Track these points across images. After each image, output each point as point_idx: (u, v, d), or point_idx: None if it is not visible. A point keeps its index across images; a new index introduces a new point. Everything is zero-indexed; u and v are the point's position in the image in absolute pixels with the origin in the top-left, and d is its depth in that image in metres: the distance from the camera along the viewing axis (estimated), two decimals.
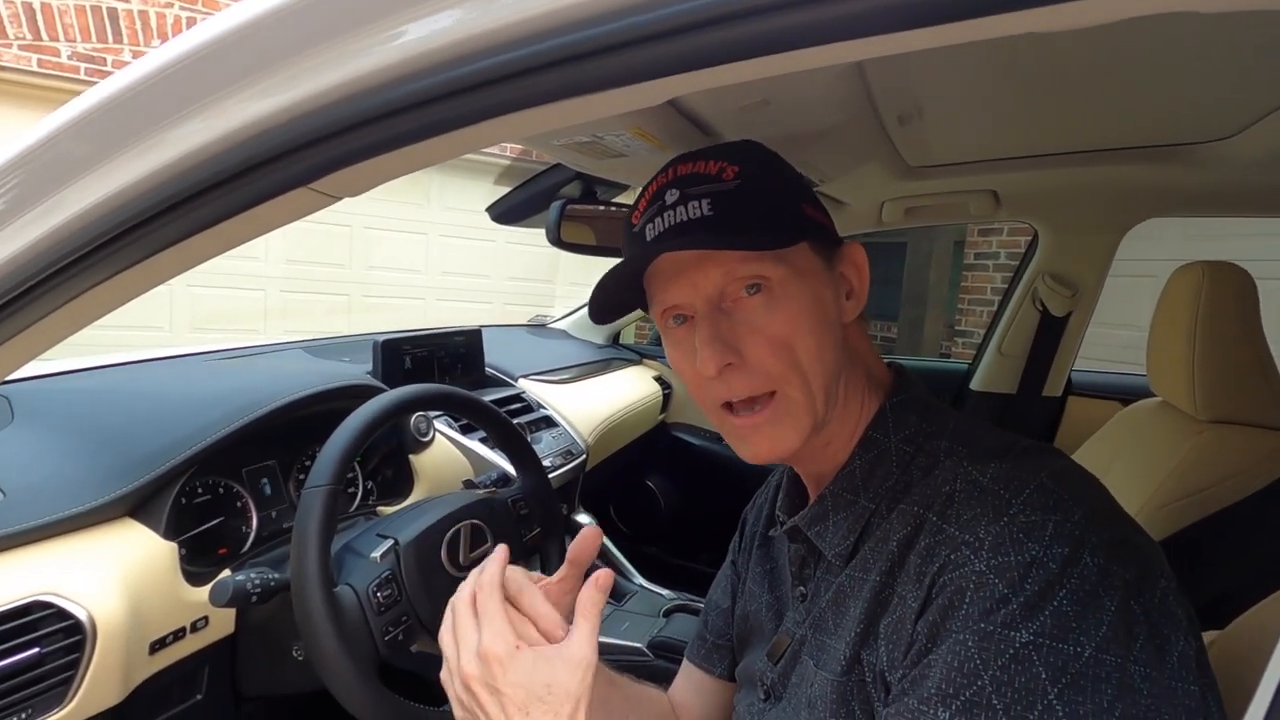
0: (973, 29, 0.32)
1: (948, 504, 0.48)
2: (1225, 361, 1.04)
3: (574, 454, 1.51)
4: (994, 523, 0.45)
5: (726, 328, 0.52)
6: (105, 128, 0.45)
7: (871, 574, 0.51)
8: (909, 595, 0.47)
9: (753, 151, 0.56)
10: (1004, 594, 0.42)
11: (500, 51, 0.37)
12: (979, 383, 1.80)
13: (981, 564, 0.44)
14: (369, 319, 4.75)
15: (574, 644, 0.48)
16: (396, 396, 0.90)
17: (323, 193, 0.47)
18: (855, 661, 0.50)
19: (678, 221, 0.52)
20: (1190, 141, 1.05)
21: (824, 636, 0.54)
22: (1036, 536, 0.43)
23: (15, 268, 0.49)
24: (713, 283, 0.52)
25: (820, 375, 0.53)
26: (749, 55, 0.34)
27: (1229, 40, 0.70)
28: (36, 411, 0.94)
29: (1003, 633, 0.41)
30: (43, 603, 0.70)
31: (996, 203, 1.40)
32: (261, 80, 0.41)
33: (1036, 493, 0.45)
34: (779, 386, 0.53)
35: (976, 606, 0.43)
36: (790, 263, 0.52)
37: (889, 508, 0.53)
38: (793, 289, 0.52)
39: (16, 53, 3.50)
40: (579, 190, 1.14)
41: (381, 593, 0.79)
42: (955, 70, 0.80)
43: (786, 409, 0.53)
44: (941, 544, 0.46)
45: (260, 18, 0.40)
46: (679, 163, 0.55)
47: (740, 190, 0.52)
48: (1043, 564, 0.42)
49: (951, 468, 0.50)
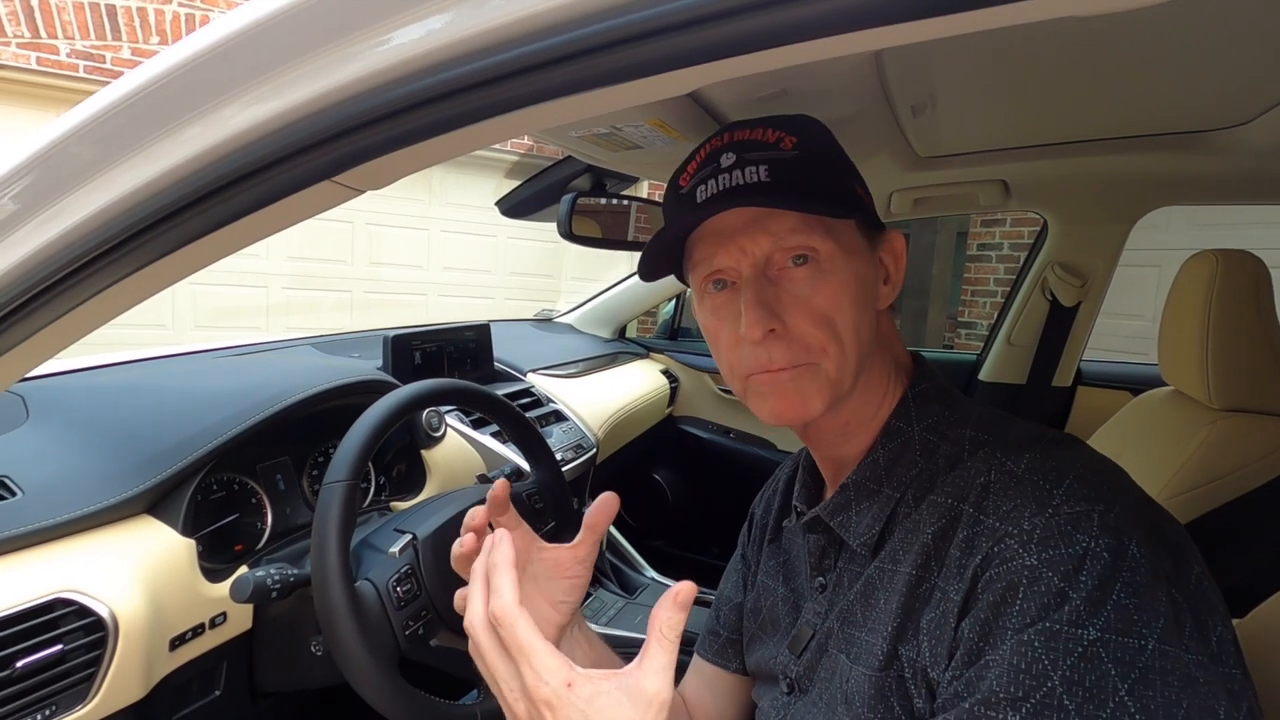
0: (997, 15, 0.31)
1: (984, 495, 0.47)
2: (1239, 350, 1.04)
3: (584, 448, 1.51)
4: (1038, 514, 0.44)
5: (772, 295, 0.52)
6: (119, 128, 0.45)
7: (903, 565, 0.50)
8: (951, 590, 0.46)
9: (811, 125, 0.56)
10: (1060, 589, 0.41)
11: (527, 42, 0.37)
12: (988, 373, 1.80)
13: (1032, 558, 0.42)
14: (371, 315, 4.75)
15: (646, 675, 0.40)
16: (411, 391, 0.90)
17: (347, 186, 0.47)
18: (893, 656, 0.49)
19: (733, 185, 0.52)
20: (1203, 129, 1.05)
21: (853, 629, 0.54)
22: (1084, 527, 0.42)
23: (34, 266, 0.49)
24: (761, 249, 0.52)
25: (855, 352, 0.53)
26: (774, 43, 0.34)
27: (1243, 25, 0.69)
28: (51, 409, 0.94)
29: (1070, 630, 0.40)
30: (64, 600, 0.71)
31: (1006, 193, 1.40)
32: (290, 72, 0.40)
33: (1077, 483, 0.45)
34: (817, 359, 0.52)
35: (1033, 602, 0.42)
36: (838, 238, 0.52)
37: (916, 498, 0.52)
38: (840, 263, 0.52)
39: (15, 51, 3.48)
40: (589, 183, 1.14)
41: (401, 587, 0.79)
42: (969, 59, 0.80)
43: (813, 376, 0.53)
44: (981, 535, 0.45)
45: (289, 8, 0.40)
46: (736, 129, 0.55)
47: (798, 160, 0.52)
48: (1095, 555, 0.41)
49: (984, 458, 0.49)
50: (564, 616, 0.62)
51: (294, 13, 0.40)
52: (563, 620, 0.62)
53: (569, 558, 0.61)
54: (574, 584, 0.62)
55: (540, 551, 0.63)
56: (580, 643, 0.66)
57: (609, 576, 1.55)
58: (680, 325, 2.45)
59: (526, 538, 0.63)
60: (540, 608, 0.62)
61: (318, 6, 0.40)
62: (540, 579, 0.62)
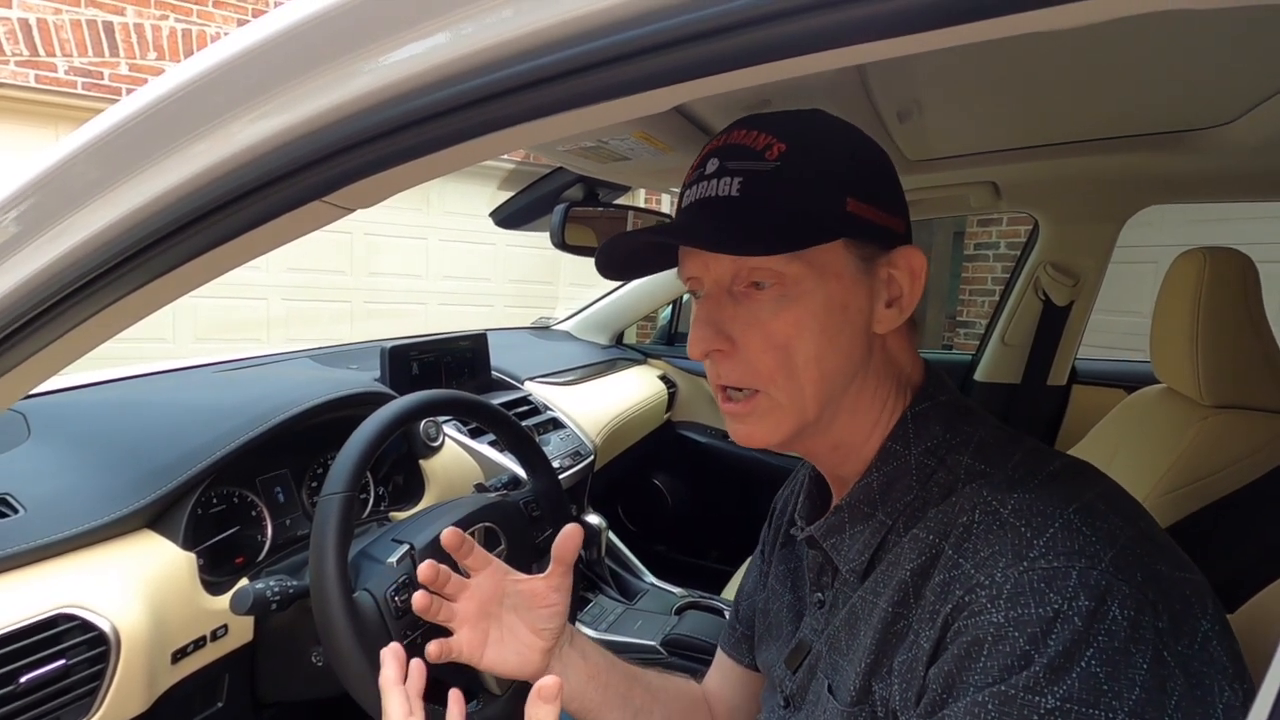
0: (973, 31, 0.32)
1: (964, 536, 0.45)
2: (1228, 347, 1.05)
3: (582, 455, 1.52)
4: (1013, 566, 0.41)
5: (730, 313, 0.51)
6: (121, 149, 0.46)
7: (882, 600, 0.49)
8: (922, 634, 0.45)
9: (810, 131, 0.51)
10: (1025, 651, 0.39)
11: (510, 64, 0.38)
12: (983, 373, 1.81)
13: (999, 615, 0.40)
14: (371, 325, 4.77)
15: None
16: (407, 403, 0.91)
17: (337, 205, 0.48)
18: (866, 692, 0.49)
19: (706, 196, 0.51)
20: (1190, 128, 1.06)
21: (837, 657, 0.53)
22: (1059, 587, 0.39)
23: (36, 286, 0.50)
24: (724, 268, 0.51)
25: (815, 382, 0.50)
26: (755, 61, 0.35)
27: (1227, 25, 0.70)
28: (52, 427, 0.95)
29: (1025, 697, 0.38)
30: (67, 615, 0.71)
31: (997, 194, 1.41)
32: (279, 97, 0.41)
33: (1061, 532, 0.41)
34: (764, 386, 0.51)
35: (995, 662, 0.40)
36: (810, 261, 0.49)
37: (905, 526, 0.50)
38: (808, 287, 0.49)
39: (14, 69, 3.51)
40: (582, 193, 1.15)
41: (399, 597, 0.79)
42: (953, 66, 0.81)
43: (768, 408, 0.51)
44: (956, 581, 0.43)
45: (275, 37, 0.41)
46: (738, 126, 0.52)
47: (776, 175, 0.48)
48: (1066, 619, 0.39)
49: (971, 494, 0.46)
50: (548, 641, 0.64)
51: (295, 33, 0.41)
52: (548, 645, 0.64)
53: (543, 587, 0.63)
54: (553, 611, 0.64)
55: (515, 584, 0.65)
56: (575, 659, 0.67)
57: (608, 582, 1.55)
58: (677, 330, 2.46)
59: (498, 573, 0.65)
60: (523, 636, 0.64)
61: (306, 35, 0.41)
62: (520, 609, 0.64)
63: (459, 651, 0.62)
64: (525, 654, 0.64)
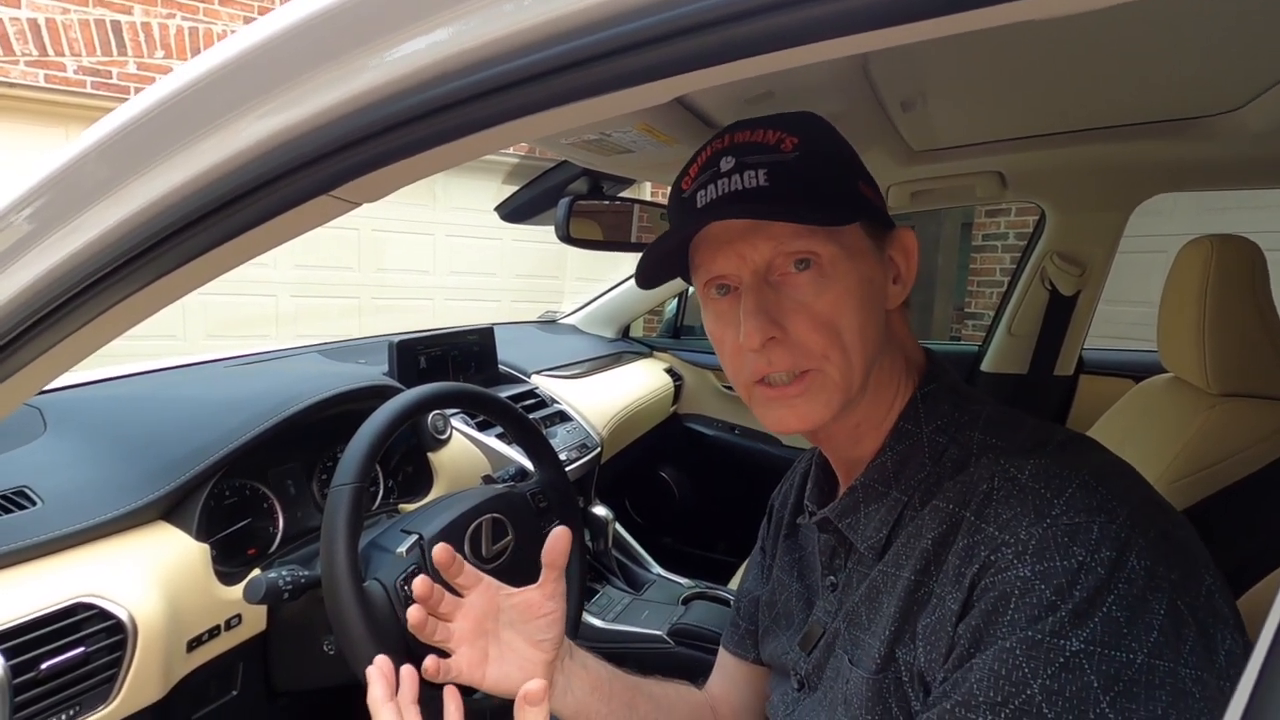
0: (975, 19, 0.32)
1: (985, 502, 0.46)
2: (1236, 335, 1.04)
3: (589, 447, 1.53)
4: (1036, 524, 0.43)
5: (772, 301, 0.51)
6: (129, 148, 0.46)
7: (905, 570, 0.50)
8: (948, 596, 0.46)
9: (813, 124, 0.54)
10: (1051, 600, 0.41)
11: (512, 58, 0.39)
12: (990, 364, 1.80)
13: (1026, 569, 0.43)
14: (379, 320, 4.79)
15: None
16: (415, 395, 0.92)
17: (344, 199, 0.49)
18: (890, 659, 0.50)
19: (732, 190, 0.51)
20: (1197, 115, 1.05)
21: (858, 631, 0.54)
22: (1082, 540, 0.42)
23: (50, 283, 0.51)
24: (761, 255, 0.51)
25: (860, 357, 0.52)
26: (755, 52, 0.35)
27: (1234, 10, 0.69)
28: (68, 421, 0.97)
29: (1052, 641, 0.41)
30: (85, 604, 0.73)
31: (1003, 184, 1.40)
32: (285, 93, 0.42)
33: (1079, 492, 0.44)
34: (818, 365, 0.52)
35: (1023, 613, 0.42)
36: (842, 241, 0.51)
37: (922, 501, 0.52)
38: (842, 268, 0.51)
39: (23, 69, 3.54)
40: (586, 186, 1.15)
41: (409, 586, 0.81)
42: (957, 54, 0.80)
43: (821, 385, 0.52)
44: (980, 544, 0.45)
45: (280, 34, 0.42)
46: (736, 129, 0.53)
47: (799, 163, 0.50)
48: (1090, 569, 0.41)
49: (988, 464, 0.48)
50: (549, 653, 0.63)
51: (300, 30, 0.41)
52: (548, 657, 0.63)
53: (538, 598, 0.63)
54: (549, 620, 0.63)
55: (509, 599, 0.64)
56: (577, 671, 0.67)
57: (616, 573, 1.57)
58: (683, 323, 2.46)
59: (491, 589, 0.64)
60: (523, 651, 0.63)
61: (312, 31, 0.41)
62: (516, 624, 0.64)
63: (459, 672, 0.61)
64: (528, 669, 0.63)
